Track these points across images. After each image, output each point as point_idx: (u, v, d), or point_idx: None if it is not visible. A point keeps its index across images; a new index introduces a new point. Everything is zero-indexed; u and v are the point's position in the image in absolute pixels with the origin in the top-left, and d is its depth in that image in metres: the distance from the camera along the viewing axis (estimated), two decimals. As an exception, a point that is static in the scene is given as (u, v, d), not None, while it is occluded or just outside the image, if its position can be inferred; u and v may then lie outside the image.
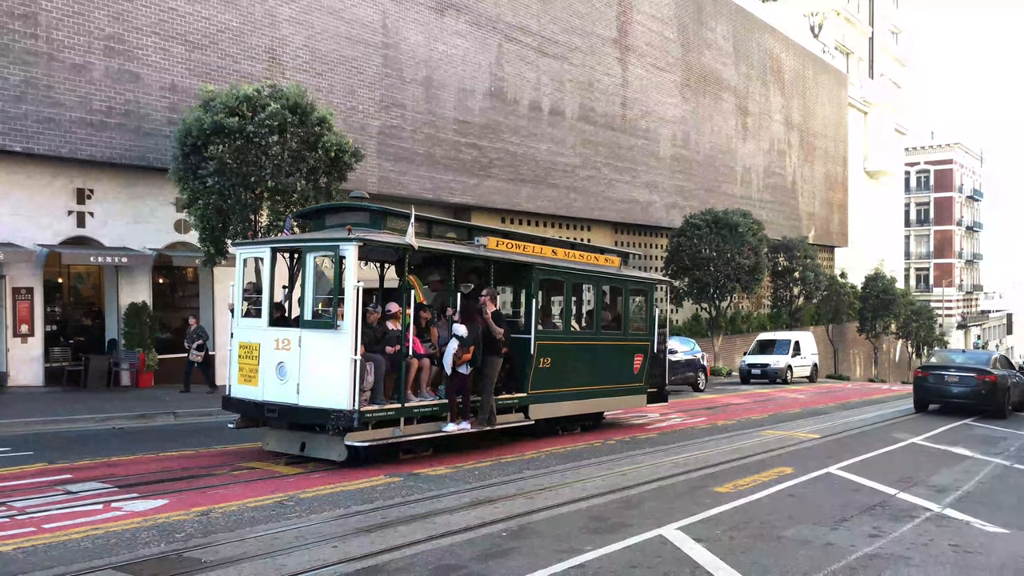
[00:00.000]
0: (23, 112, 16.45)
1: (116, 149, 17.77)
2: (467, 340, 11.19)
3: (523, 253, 13.10)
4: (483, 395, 11.77)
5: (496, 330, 11.68)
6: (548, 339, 13.20)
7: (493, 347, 11.73)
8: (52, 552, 6.65)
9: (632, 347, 15.31)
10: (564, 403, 13.68)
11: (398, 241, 10.84)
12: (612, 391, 14.86)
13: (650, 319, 15.92)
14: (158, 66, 18.40)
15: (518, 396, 12.77)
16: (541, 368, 12.92)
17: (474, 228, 12.96)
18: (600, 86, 30.90)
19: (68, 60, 17.02)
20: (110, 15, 17.59)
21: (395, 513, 8.24)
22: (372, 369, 10.47)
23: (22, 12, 16.33)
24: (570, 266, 13.94)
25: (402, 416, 10.79)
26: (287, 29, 20.73)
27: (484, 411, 11.74)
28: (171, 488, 9.01)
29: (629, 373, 15.21)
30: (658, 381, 16.40)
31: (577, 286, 14.43)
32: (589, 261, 14.63)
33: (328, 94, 21.09)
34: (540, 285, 13.18)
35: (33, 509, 8.11)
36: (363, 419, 10.08)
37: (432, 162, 24.32)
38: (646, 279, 16.66)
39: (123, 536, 7.16)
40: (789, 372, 30.81)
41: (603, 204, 31.13)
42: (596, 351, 14.39)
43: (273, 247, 11.25)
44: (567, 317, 13.90)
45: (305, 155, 16.95)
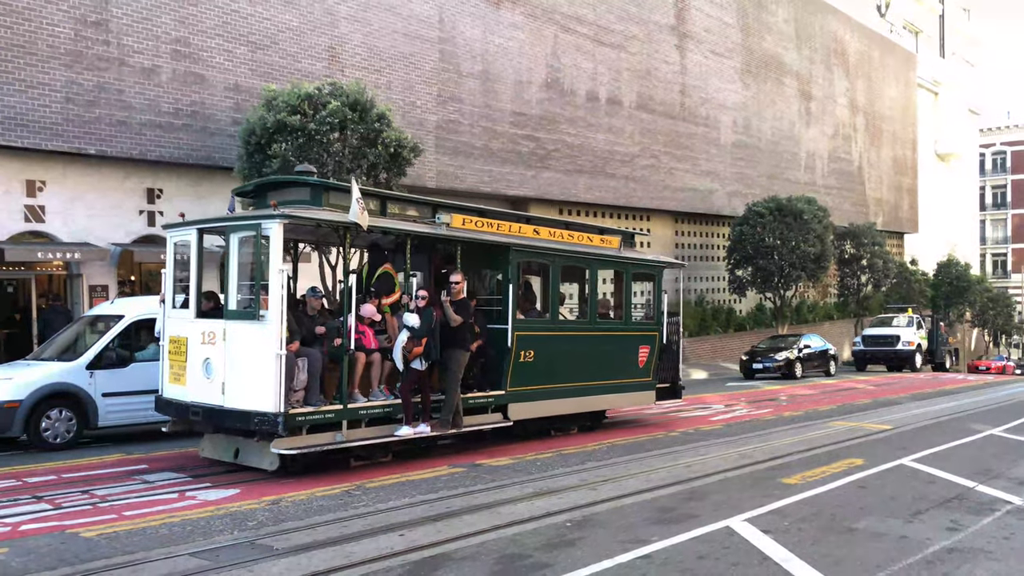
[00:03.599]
0: (97, 116, 17.02)
1: (184, 149, 18.26)
2: (418, 331, 9.88)
3: (497, 233, 11.64)
4: (446, 394, 10.49)
5: (454, 319, 10.35)
6: (530, 330, 11.83)
7: (456, 339, 10.45)
8: (132, 539, 6.90)
9: (636, 338, 13.88)
10: (551, 401, 12.27)
11: (336, 219, 9.58)
12: (613, 387, 13.38)
13: (658, 306, 14.41)
14: (222, 67, 18.84)
15: (494, 394, 11.42)
16: (522, 363, 11.56)
17: (441, 206, 11.40)
18: (658, 74, 30.53)
19: (138, 64, 17.55)
20: (176, 19, 18.07)
21: (460, 502, 8.31)
22: (305, 366, 9.25)
23: (95, 20, 16.90)
24: (556, 247, 12.42)
25: (344, 419, 9.56)
26: (346, 27, 21.01)
27: (447, 411, 10.42)
28: (242, 478, 9.24)
29: (633, 366, 13.74)
30: (670, 375, 14.86)
31: (566, 270, 12.96)
32: (581, 242, 13.10)
33: (387, 90, 21.30)
34: (519, 269, 11.82)
35: (114, 497, 8.44)
36: (291, 423, 8.90)
37: (489, 155, 24.39)
38: (652, 262, 14.95)
39: (198, 524, 7.39)
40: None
41: (663, 193, 30.79)
42: (591, 343, 12.98)
43: (200, 228, 10.01)
44: (554, 305, 12.47)
45: (365, 151, 17.14)
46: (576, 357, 12.62)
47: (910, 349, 30.51)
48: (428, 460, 10.67)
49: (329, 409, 9.45)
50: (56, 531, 7.07)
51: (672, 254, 32.66)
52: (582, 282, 13.85)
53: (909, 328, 31.13)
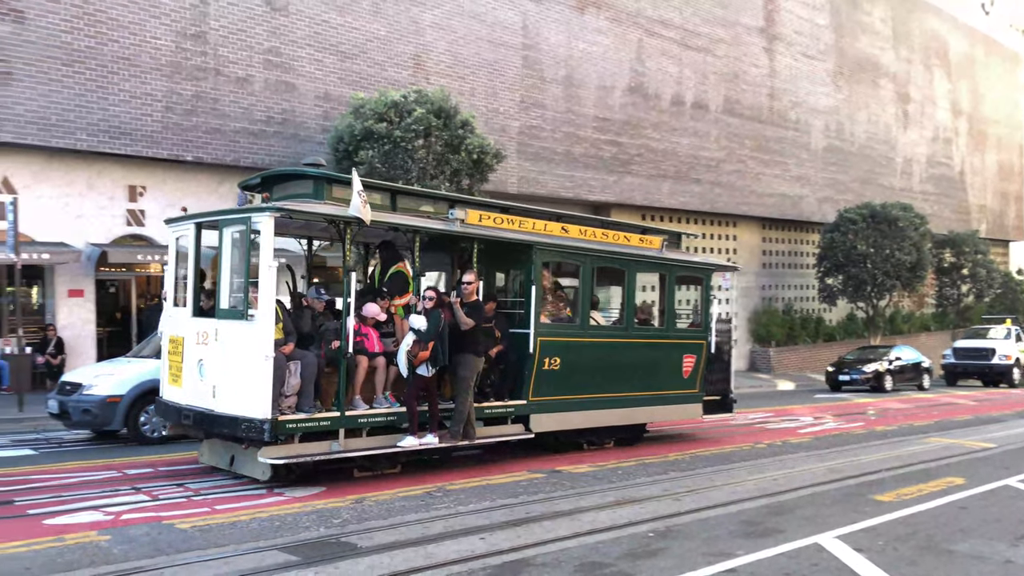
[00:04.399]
0: (194, 124, 17.73)
1: (275, 156, 18.83)
2: (425, 334, 9.15)
3: (519, 230, 10.77)
4: (456, 402, 9.70)
5: (465, 322, 9.58)
6: (555, 335, 11.00)
7: (468, 343, 9.68)
8: (224, 531, 7.12)
9: (680, 346, 12.85)
10: (580, 413, 11.40)
11: (335, 212, 8.95)
12: (653, 399, 12.41)
13: (706, 312, 13.36)
14: (312, 76, 19.36)
15: (514, 404, 10.64)
16: (546, 370, 10.79)
17: (458, 201, 10.72)
18: (746, 77, 29.90)
19: (232, 74, 18.21)
20: (269, 30, 18.68)
21: (540, 508, 8.28)
22: (297, 369, 8.64)
23: (194, 32, 17.62)
24: (587, 247, 11.48)
25: (341, 427, 8.92)
26: (431, 35, 21.31)
27: (457, 422, 9.65)
28: (327, 476, 9.43)
29: (676, 377, 12.76)
30: (721, 387, 13.74)
31: (601, 272, 11.99)
32: (617, 241, 12.13)
33: (470, 97, 21.51)
34: (544, 270, 11.05)
35: (206, 491, 8.72)
36: (280, 430, 8.34)
37: (571, 160, 24.33)
38: (700, 264, 13.81)
39: (285, 520, 7.56)
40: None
41: (749, 199, 30.11)
42: (627, 351, 12.05)
43: (197, 222, 9.50)
44: (584, 309, 11.53)
45: (448, 157, 17.35)
46: (610, 366, 11.74)
47: (1007, 363, 28.81)
48: (507, 465, 10.67)
49: (324, 416, 8.78)
50: (153, 521, 7.35)
51: (758, 261, 31.90)
52: (619, 285, 12.73)
53: (1007, 341, 29.42)
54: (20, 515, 7.45)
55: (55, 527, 7.07)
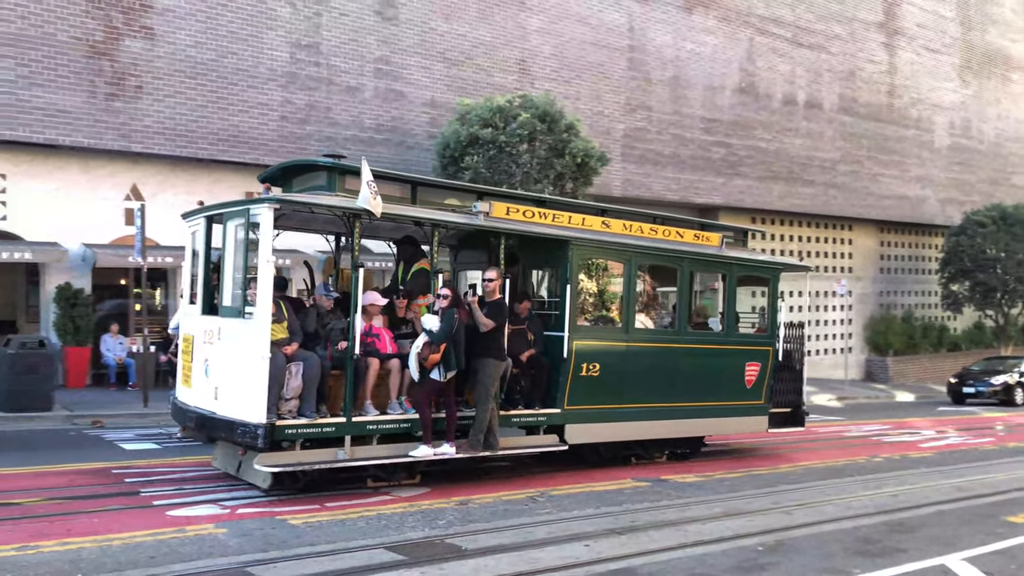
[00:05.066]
0: (307, 132, 18.38)
1: (383, 163, 19.28)
2: (437, 335, 8.45)
3: (553, 225, 9.98)
4: (476, 410, 9.02)
5: (484, 323, 8.90)
6: (594, 339, 10.24)
7: (488, 346, 8.95)
8: (333, 528, 7.29)
9: (742, 352, 11.85)
10: (623, 424, 10.50)
11: (341, 204, 8.44)
12: (710, 410, 11.45)
13: (773, 316, 12.31)
14: (420, 84, 19.75)
15: (546, 413, 9.89)
16: (583, 377, 10.00)
17: (487, 193, 10.04)
18: (863, 74, 28.66)
19: (344, 83, 18.78)
20: (379, 40, 19.17)
21: (645, 517, 8.13)
22: (299, 371, 8.10)
23: (307, 43, 18.28)
24: (631, 243, 10.63)
25: (347, 434, 8.35)
26: (537, 40, 21.38)
27: (477, 431, 8.96)
28: (432, 478, 9.53)
29: (738, 387, 11.76)
30: (791, 398, 12.63)
31: (651, 271, 11.26)
32: (668, 237, 11.16)
33: (575, 101, 21.45)
34: (581, 268, 10.33)
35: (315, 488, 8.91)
36: (278, 436, 7.85)
37: (678, 163, 23.92)
38: (764, 262, 12.76)
39: (392, 519, 7.67)
40: None
41: (866, 201, 28.82)
42: (681, 357, 11.12)
43: (207, 216, 9.06)
44: (628, 310, 10.64)
45: (553, 162, 17.34)
46: (660, 373, 10.83)
47: None
48: (612, 472, 10.53)
49: (327, 422, 8.23)
50: (267, 516, 7.59)
51: (876, 266, 30.51)
52: (671, 285, 11.80)
53: None
54: (145, 506, 7.84)
55: (177, 519, 7.40)
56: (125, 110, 16.31)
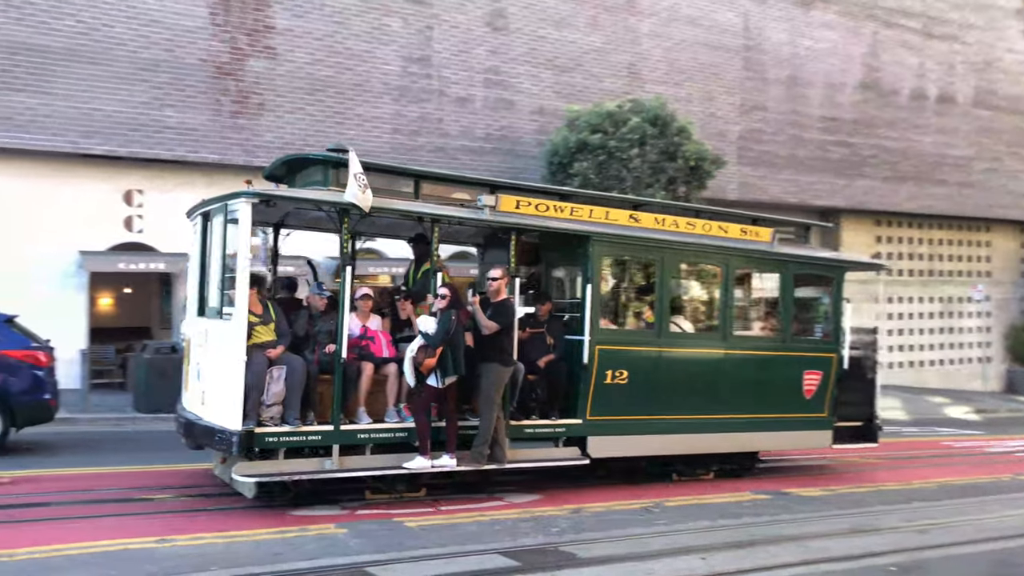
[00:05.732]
0: (419, 144, 18.76)
1: (493, 172, 19.45)
2: (433, 338, 7.89)
3: (571, 219, 9.21)
4: (480, 419, 8.37)
5: (487, 325, 8.26)
6: (620, 343, 9.45)
7: (493, 350, 8.33)
8: (447, 532, 7.34)
9: (799, 360, 10.79)
10: (657, 437, 9.62)
11: (326, 198, 8.03)
12: (762, 423, 10.43)
13: (837, 320, 11.17)
14: (528, 92, 19.84)
15: (565, 423, 9.11)
16: (608, 385, 9.21)
17: (499, 187, 9.33)
18: (1001, 65, 26.88)
19: (454, 94, 19.07)
20: (489, 50, 19.39)
21: (765, 531, 7.82)
22: (281, 376, 7.68)
23: (419, 56, 18.68)
24: (664, 238, 9.73)
25: (335, 443, 7.82)
26: (647, 43, 21.13)
27: (480, 442, 8.30)
28: (545, 484, 9.46)
29: (795, 397, 10.70)
30: (862, 411, 11.43)
31: (687, 268, 10.41)
32: (708, 232, 10.19)
33: (686, 103, 21.04)
34: (605, 266, 9.57)
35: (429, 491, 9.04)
36: (255, 443, 7.44)
37: (795, 164, 23.07)
38: (826, 260, 11.57)
39: (505, 524, 7.69)
40: None
41: (1005, 200, 26.96)
42: (725, 364, 10.16)
43: (203, 212, 8.60)
44: (661, 313, 9.75)
45: (664, 166, 17.07)
46: (700, 381, 9.97)
47: None
48: (729, 484, 10.22)
49: (312, 430, 7.74)
50: (384, 518, 7.73)
51: (1016, 269, 28.50)
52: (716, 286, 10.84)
53: None
54: (268, 505, 8.09)
55: (299, 518, 7.63)
56: (248, 127, 17.09)
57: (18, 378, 10.27)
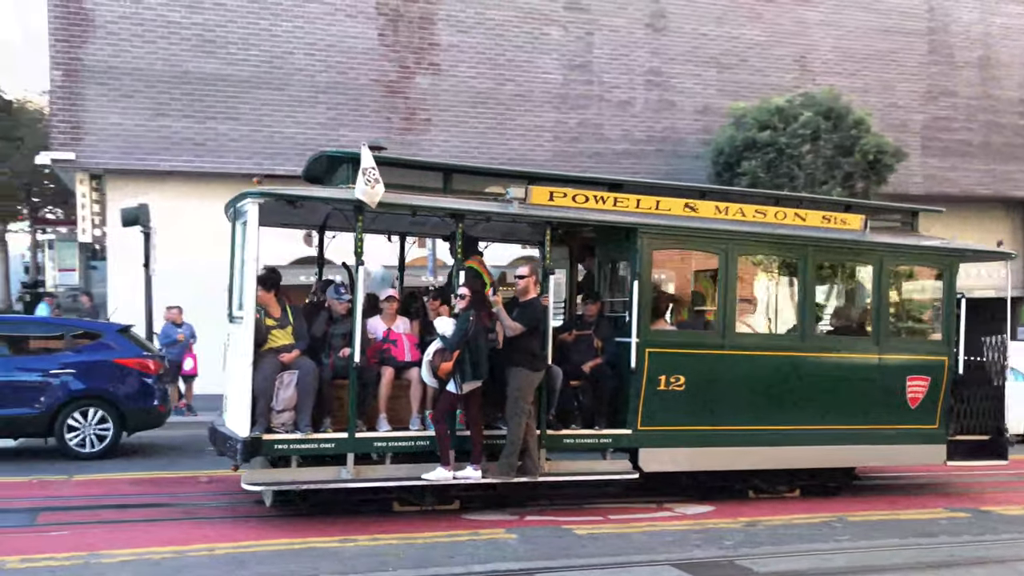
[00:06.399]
0: (579, 150, 18.79)
1: (656, 174, 19.15)
2: (450, 341, 7.46)
3: (614, 210, 8.51)
4: (508, 428, 7.78)
5: (511, 327, 7.73)
6: (676, 346, 8.66)
7: (518, 354, 7.77)
8: (616, 541, 7.28)
9: (901, 365, 9.47)
10: (724, 450, 8.71)
11: (334, 195, 7.85)
12: (856, 435, 9.24)
13: (948, 318, 9.79)
14: (691, 91, 19.40)
15: (612, 434, 8.37)
16: (662, 391, 8.42)
17: (539, 178, 8.74)
18: None
19: (614, 99, 18.96)
20: (649, 51, 19.14)
21: (965, 552, 7.21)
22: (292, 381, 7.40)
23: (579, 63, 18.73)
24: (726, 228, 8.79)
25: (349, 451, 7.44)
26: (817, 34, 20.12)
27: (509, 452, 7.72)
28: (717, 496, 9.15)
29: (897, 406, 9.41)
30: (989, 424, 10.01)
31: (757, 261, 9.48)
32: (781, 220, 9.19)
33: (862, 94, 19.80)
34: (657, 260, 8.73)
35: (597, 500, 8.99)
36: (264, 451, 7.25)
37: (990, 153, 21.16)
38: (932, 250, 10.02)
39: (675, 535, 7.51)
40: None
41: None
42: (807, 368, 9.07)
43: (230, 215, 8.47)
44: (725, 311, 8.81)
45: (839, 161, 16.23)
46: (775, 388, 8.95)
47: None
48: (921, 499, 9.54)
49: (325, 438, 7.42)
50: (552, 525, 7.75)
51: None
52: (793, 280, 9.79)
53: None
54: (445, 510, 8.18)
55: (471, 522, 7.77)
56: (416, 142, 17.75)
57: (129, 385, 10.73)
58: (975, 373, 10.20)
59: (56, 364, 10.51)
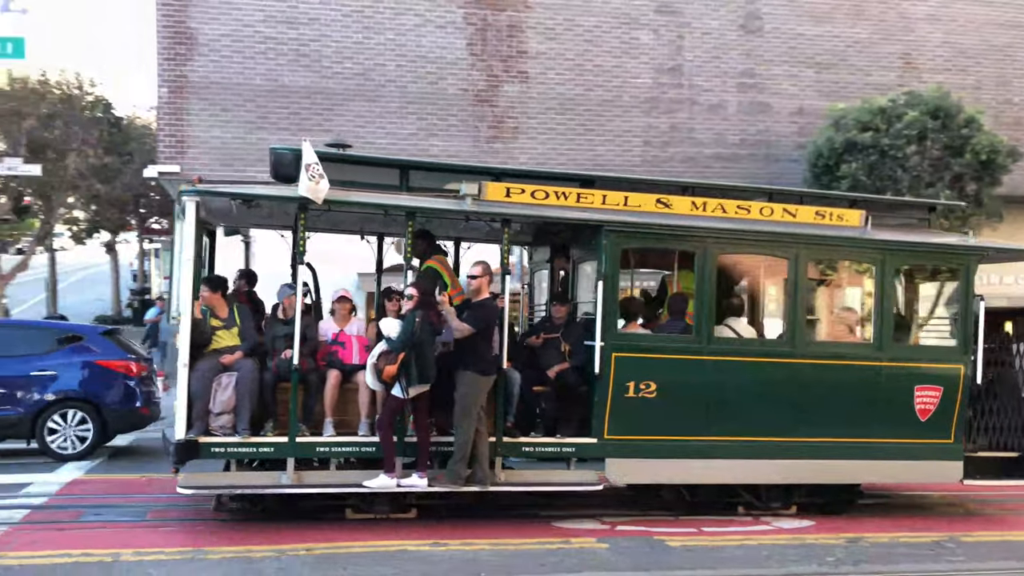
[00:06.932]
0: (669, 155, 18.45)
1: (748, 178, 18.59)
2: (396, 343, 7.19)
3: (571, 206, 8.10)
4: (456, 434, 7.49)
5: (459, 328, 7.39)
6: (646, 350, 8.14)
7: (468, 356, 7.47)
8: (711, 554, 7.10)
9: (906, 372, 8.72)
10: (703, 462, 8.13)
11: (274, 193, 7.66)
12: (857, 449, 8.53)
13: (966, 321, 8.92)
14: (786, 93, 18.80)
15: (575, 442, 7.95)
16: (632, 399, 7.91)
17: (506, 174, 8.50)
18: None
19: (706, 102, 18.55)
20: (742, 53, 18.66)
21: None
22: (231, 383, 7.27)
23: (670, 67, 18.41)
24: (702, 225, 8.26)
25: (289, 456, 7.29)
26: (923, 29, 19.22)
27: (456, 460, 7.43)
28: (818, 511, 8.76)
29: (905, 418, 8.65)
30: (1015, 439, 9.21)
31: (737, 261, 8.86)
32: (767, 217, 8.59)
33: (974, 91, 18.78)
34: (624, 259, 8.36)
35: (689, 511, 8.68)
36: (198, 454, 7.16)
37: None
38: (944, 247, 9.30)
39: (773, 550, 7.29)
40: None
41: None
42: (798, 376, 8.43)
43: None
44: (703, 314, 8.26)
45: (949, 161, 15.45)
46: (763, 397, 8.34)
47: None
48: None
49: (264, 442, 7.28)
50: (644, 535, 7.61)
51: None
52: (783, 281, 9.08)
53: None
54: (534, 516, 8.25)
55: (561, 530, 7.71)
56: (504, 150, 17.79)
57: (109, 387, 10.84)
58: (998, 383, 9.35)
59: (37, 366, 10.65)
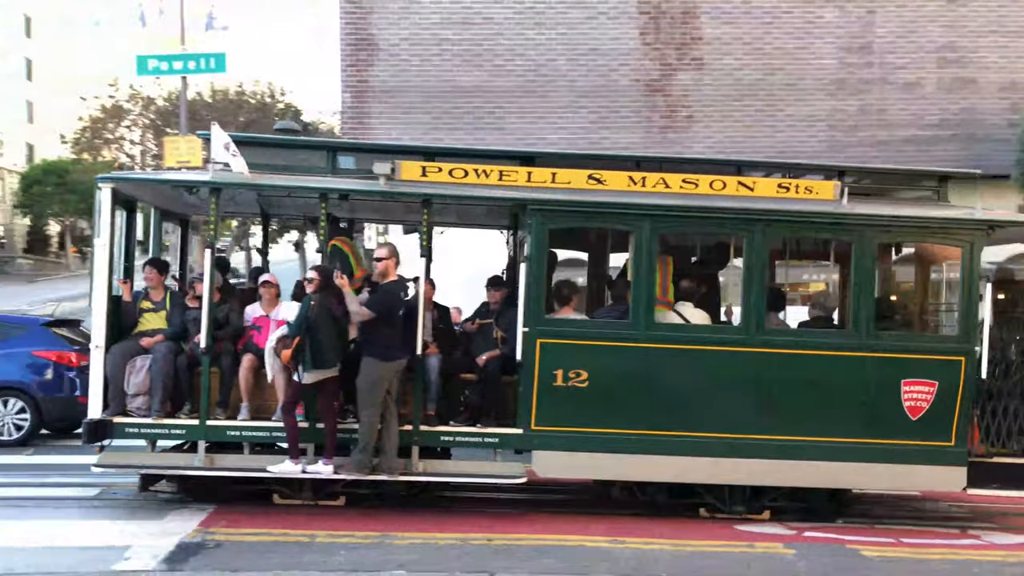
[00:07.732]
0: (858, 139, 17.30)
1: (947, 162, 17.15)
2: (293, 327, 7.13)
3: (493, 184, 7.81)
4: (360, 420, 7.30)
5: (358, 312, 7.13)
6: (575, 336, 7.60)
7: (368, 342, 7.28)
8: (911, 567, 6.67)
9: (890, 363, 7.60)
10: (645, 458, 7.48)
11: (184, 178, 8.02)
12: (832, 449, 7.54)
13: (968, 306, 7.64)
14: (994, 67, 17.15)
15: (498, 432, 7.54)
16: (560, 388, 7.42)
17: (439, 153, 8.50)
18: None
19: (900, 80, 17.25)
20: (942, 26, 17.20)
21: None
22: (145, 366, 7.46)
23: (859, 45, 17.27)
24: (639, 202, 7.67)
25: (199, 439, 7.43)
26: None
27: (359, 448, 7.21)
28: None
29: (890, 417, 7.54)
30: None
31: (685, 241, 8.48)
32: (719, 192, 7.88)
33: None
34: (554, 240, 7.89)
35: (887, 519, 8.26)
36: (112, 434, 7.42)
37: None
38: (940, 221, 7.99)
39: (985, 567, 6.71)
40: None
41: None
42: (756, 367, 7.57)
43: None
44: (640, 299, 7.58)
45: None
46: (718, 390, 7.57)
47: None
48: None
49: (175, 423, 7.52)
50: (835, 543, 7.19)
51: None
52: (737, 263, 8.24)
53: None
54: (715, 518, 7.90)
55: (744, 533, 7.42)
56: (677, 140, 17.39)
57: (44, 376, 11.18)
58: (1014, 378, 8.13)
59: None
